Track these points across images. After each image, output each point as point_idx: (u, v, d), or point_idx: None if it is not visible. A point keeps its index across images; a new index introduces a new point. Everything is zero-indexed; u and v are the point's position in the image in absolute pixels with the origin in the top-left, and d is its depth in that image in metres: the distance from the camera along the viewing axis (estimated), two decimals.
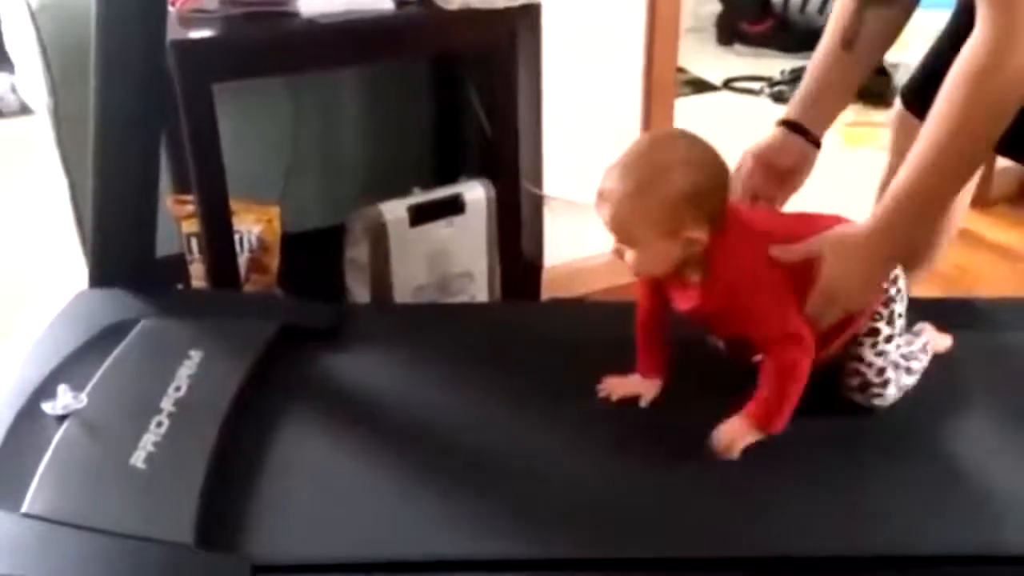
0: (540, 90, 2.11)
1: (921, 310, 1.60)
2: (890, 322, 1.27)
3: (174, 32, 1.65)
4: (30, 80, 1.94)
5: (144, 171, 1.55)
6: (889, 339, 1.27)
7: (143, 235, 1.58)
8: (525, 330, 1.53)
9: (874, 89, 3.26)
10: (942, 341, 1.41)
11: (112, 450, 1.18)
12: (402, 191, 2.04)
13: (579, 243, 2.31)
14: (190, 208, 1.89)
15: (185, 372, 1.31)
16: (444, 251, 2.03)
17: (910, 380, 1.32)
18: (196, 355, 1.35)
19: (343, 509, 1.14)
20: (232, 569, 1.05)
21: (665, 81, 2.26)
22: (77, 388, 1.26)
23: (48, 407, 1.24)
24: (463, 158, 2.25)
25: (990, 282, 2.32)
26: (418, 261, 2.01)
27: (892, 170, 1.69)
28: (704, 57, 3.74)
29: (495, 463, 1.20)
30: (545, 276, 2.28)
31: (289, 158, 2.17)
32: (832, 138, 3.37)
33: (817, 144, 1.52)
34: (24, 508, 1.10)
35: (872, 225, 1.24)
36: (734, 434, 1.21)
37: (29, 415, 1.24)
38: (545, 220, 2.24)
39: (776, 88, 3.46)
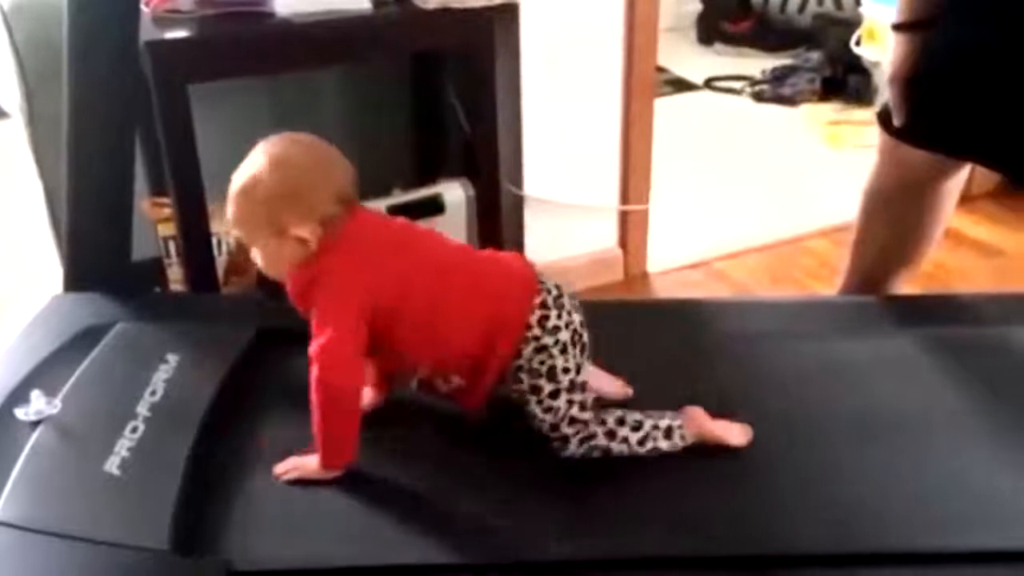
0: (519, 89, 2.10)
1: (901, 307, 1.62)
2: (551, 378, 1.17)
3: (148, 33, 1.64)
4: (4, 83, 1.92)
5: (119, 173, 1.54)
6: (555, 395, 1.18)
7: (119, 238, 1.56)
8: None
9: (855, 87, 3.27)
10: (733, 434, 1.24)
11: (87, 456, 1.17)
12: (382, 191, 2.03)
13: (560, 243, 2.31)
14: (167, 211, 1.88)
15: (161, 377, 1.30)
16: None
17: (618, 447, 1.20)
18: (173, 359, 1.34)
19: (320, 513, 1.13)
20: (209, 573, 1.04)
21: (645, 80, 2.25)
22: (51, 393, 1.25)
23: (21, 413, 1.23)
24: (443, 158, 2.24)
25: (970, 278, 2.33)
26: None
27: (879, 176, 1.70)
28: (685, 56, 3.74)
29: (473, 467, 1.19)
30: None
31: None
32: (813, 137, 3.40)
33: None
34: None
35: None
36: (301, 465, 1.16)
37: (1, 421, 1.22)
38: (526, 220, 2.24)
39: (757, 87, 3.46)
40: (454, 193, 2.03)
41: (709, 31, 3.90)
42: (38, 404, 1.23)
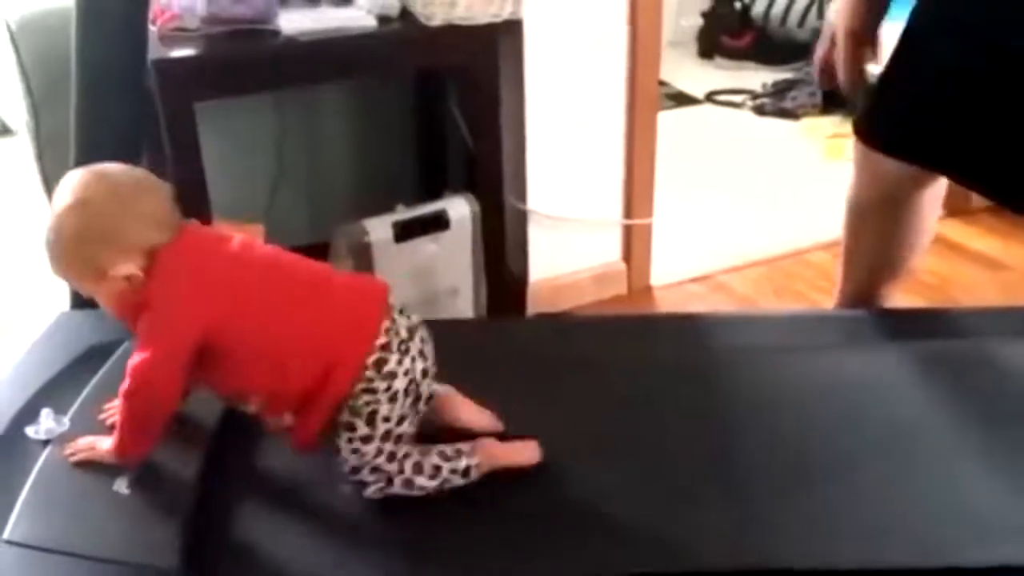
0: (523, 105, 2.11)
1: (902, 321, 1.62)
2: (370, 422, 1.12)
3: (155, 51, 1.65)
4: (10, 100, 1.93)
5: None
6: (367, 439, 1.12)
7: None
8: (511, 346, 1.53)
9: (855, 101, 3.28)
10: (522, 455, 1.22)
11: (96, 475, 1.16)
12: (386, 207, 2.04)
13: (564, 257, 2.32)
14: None
15: None
16: (429, 267, 2.03)
17: (416, 492, 1.16)
18: None
19: (328, 534, 1.14)
20: None
21: (648, 94, 2.26)
22: (60, 412, 1.24)
23: (31, 431, 1.23)
24: (447, 174, 2.25)
25: (972, 291, 2.33)
26: (403, 278, 2.00)
27: (858, 188, 1.70)
28: (686, 70, 3.76)
29: (472, 491, 1.19)
30: (530, 291, 2.28)
31: (273, 176, 2.17)
32: (812, 150, 3.40)
33: None
34: (6, 535, 1.08)
35: None
36: (94, 446, 1.15)
37: (11, 440, 1.22)
38: (530, 235, 2.24)
39: (758, 101, 3.48)
40: (458, 209, 2.04)
41: (710, 45, 3.92)
42: (47, 423, 1.23)
